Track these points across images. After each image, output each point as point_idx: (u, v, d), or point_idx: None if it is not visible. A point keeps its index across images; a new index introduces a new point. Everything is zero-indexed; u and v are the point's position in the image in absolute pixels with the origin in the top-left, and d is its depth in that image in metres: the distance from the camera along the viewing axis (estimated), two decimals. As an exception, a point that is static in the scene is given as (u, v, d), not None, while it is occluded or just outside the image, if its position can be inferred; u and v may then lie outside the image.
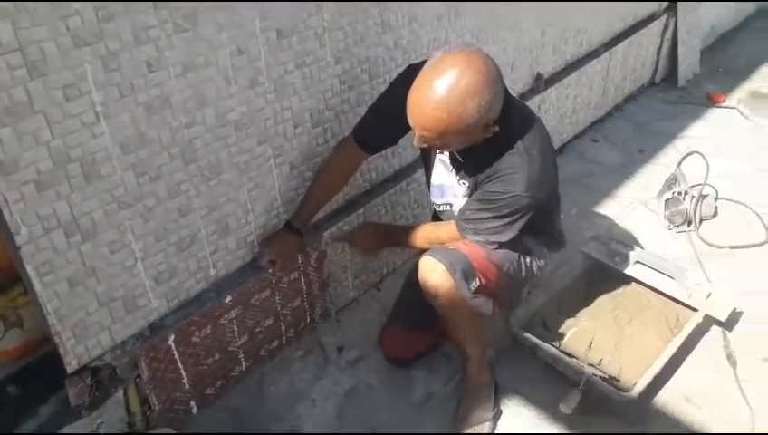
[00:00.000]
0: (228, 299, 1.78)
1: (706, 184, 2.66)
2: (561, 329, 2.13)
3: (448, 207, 1.80)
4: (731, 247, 2.53)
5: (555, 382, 1.94)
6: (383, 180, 2.20)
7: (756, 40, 4.50)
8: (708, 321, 2.12)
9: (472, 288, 1.67)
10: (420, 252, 1.77)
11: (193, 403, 1.84)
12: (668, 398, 1.94)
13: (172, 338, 1.68)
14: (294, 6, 1.62)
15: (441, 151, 1.73)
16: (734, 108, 3.59)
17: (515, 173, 1.55)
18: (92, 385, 1.58)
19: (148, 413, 1.72)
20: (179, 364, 1.74)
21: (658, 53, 3.72)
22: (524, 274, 1.80)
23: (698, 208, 2.63)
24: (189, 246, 1.65)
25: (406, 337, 2.02)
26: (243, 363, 1.94)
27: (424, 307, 1.77)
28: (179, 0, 1.37)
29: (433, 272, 1.66)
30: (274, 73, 1.65)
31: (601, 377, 1.90)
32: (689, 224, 2.63)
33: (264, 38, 1.58)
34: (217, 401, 1.91)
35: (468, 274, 1.66)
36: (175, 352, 1.71)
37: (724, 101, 3.64)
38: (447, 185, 1.77)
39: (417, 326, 1.99)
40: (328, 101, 1.85)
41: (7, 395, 1.64)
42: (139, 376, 1.66)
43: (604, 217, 2.72)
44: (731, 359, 2.05)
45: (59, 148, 1.30)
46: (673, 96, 3.76)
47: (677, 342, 1.99)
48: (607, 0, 3.02)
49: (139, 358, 1.63)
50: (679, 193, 2.67)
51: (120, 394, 1.65)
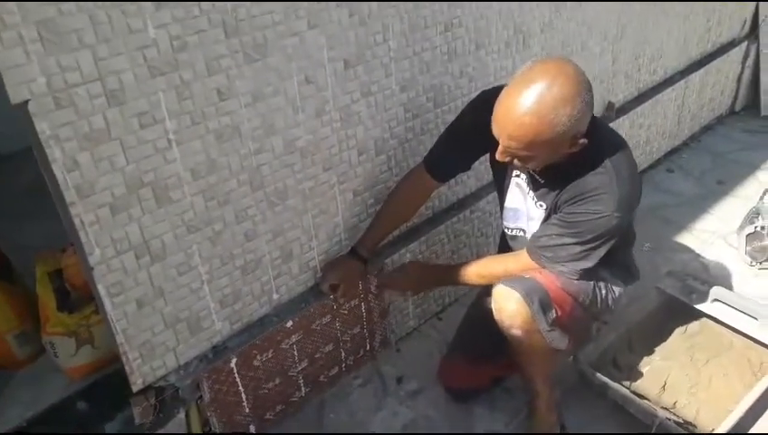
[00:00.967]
0: (290, 324, 1.80)
1: (792, 219, 2.51)
2: (632, 368, 2.03)
3: (521, 232, 1.73)
4: (820, 287, 2.37)
5: (625, 425, 1.85)
6: (446, 208, 2.18)
7: None
8: (796, 366, 1.98)
9: (549, 320, 1.59)
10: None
11: (252, 427, 1.85)
12: (750, 447, 1.81)
13: (234, 361, 1.70)
14: (361, 35, 1.64)
15: (519, 174, 1.66)
16: (822, 138, 3.40)
17: (604, 193, 1.47)
18: (156, 405, 1.61)
19: (208, 435, 1.75)
20: (240, 387, 1.76)
21: (739, 81, 3.57)
22: (599, 305, 1.71)
23: (783, 244, 2.48)
24: (254, 271, 1.68)
25: (465, 368, 1.96)
26: (302, 389, 1.95)
27: (487, 338, 1.71)
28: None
29: (509, 301, 1.59)
30: (341, 102, 1.67)
31: (675, 421, 1.79)
32: (773, 261, 2.48)
33: (332, 68, 1.61)
34: (276, 426, 1.91)
35: (545, 304, 1.58)
36: (236, 374, 1.73)
37: (810, 132, 3.45)
38: (522, 209, 1.71)
39: (478, 358, 1.92)
40: (392, 130, 1.85)
41: (76, 410, 1.70)
42: (201, 398, 1.69)
43: (680, 252, 2.60)
44: (820, 408, 1.90)
45: (133, 173, 1.35)
46: (754, 125, 3.58)
47: (762, 386, 1.86)
48: None
49: (202, 380, 1.66)
50: (762, 227, 2.52)
51: (182, 415, 1.68)
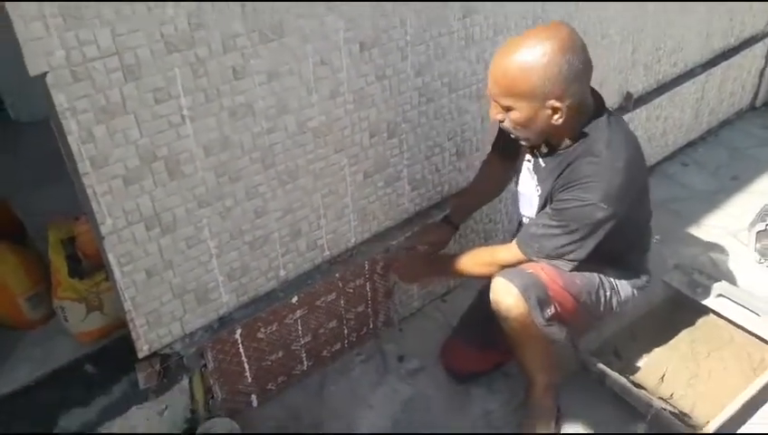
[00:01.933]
0: (295, 299, 1.83)
1: (804, 219, 2.50)
2: (632, 358, 2.06)
3: (527, 220, 1.76)
4: (827, 288, 2.36)
5: (622, 413, 1.87)
6: (456, 192, 2.19)
7: None
8: (796, 364, 1.99)
9: (546, 316, 1.62)
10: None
11: (254, 397, 1.91)
12: (743, 443, 1.83)
13: (239, 332, 1.75)
14: (379, 18, 1.64)
15: (529, 158, 1.69)
16: (842, 138, 3.35)
17: (593, 181, 1.49)
18: (161, 371, 1.66)
19: (210, 402, 1.80)
20: (244, 358, 1.80)
21: (761, 77, 3.51)
22: (602, 308, 1.73)
23: (793, 244, 2.47)
24: (262, 246, 1.71)
25: (467, 353, 1.99)
26: (305, 363, 1.99)
27: (491, 327, 1.74)
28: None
29: (506, 295, 1.62)
30: (355, 85, 1.68)
31: (671, 412, 1.82)
32: (782, 260, 2.48)
33: (348, 50, 1.61)
34: (278, 397, 1.96)
35: (543, 301, 1.61)
36: (240, 345, 1.77)
37: (830, 131, 3.40)
38: (528, 194, 1.73)
39: (480, 345, 1.96)
40: (406, 114, 1.86)
41: (84, 372, 1.75)
42: (205, 366, 1.74)
43: (689, 246, 2.60)
44: (817, 408, 1.92)
45: (146, 146, 1.37)
46: (774, 122, 3.55)
47: (760, 382, 1.88)
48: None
49: (206, 349, 1.71)
50: (773, 226, 2.52)
51: (186, 382, 1.73)
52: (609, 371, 1.92)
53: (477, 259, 1.78)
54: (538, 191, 1.67)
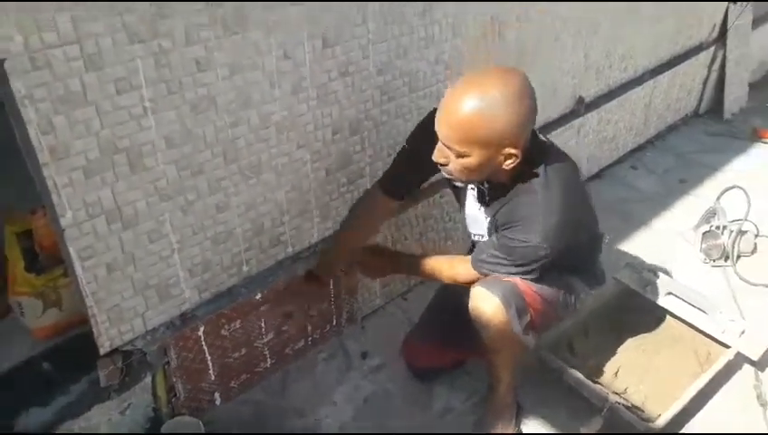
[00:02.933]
0: (258, 296, 1.83)
1: (747, 220, 2.61)
2: (586, 354, 2.12)
3: (482, 237, 1.76)
4: (768, 285, 2.48)
5: (578, 407, 1.92)
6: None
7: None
8: (740, 359, 2.07)
9: (523, 324, 1.64)
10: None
11: (217, 395, 1.89)
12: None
13: (202, 329, 1.73)
14: (341, 15, 1.67)
15: (473, 186, 1.68)
16: (781, 145, 3.52)
17: (533, 223, 1.51)
18: (123, 368, 1.64)
19: (173, 400, 1.78)
20: (207, 355, 1.79)
21: (705, 84, 3.68)
22: (567, 308, 1.78)
23: (737, 244, 2.58)
24: (225, 242, 1.70)
25: (430, 350, 2.02)
26: (268, 360, 1.99)
27: (453, 324, 1.76)
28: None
29: (487, 303, 1.61)
30: (318, 80, 1.70)
31: (625, 405, 1.88)
32: (726, 259, 2.58)
33: (311, 45, 1.63)
34: (241, 395, 1.95)
35: (521, 309, 1.62)
36: (203, 342, 1.76)
37: (770, 138, 3.58)
38: (474, 215, 1.75)
39: (443, 341, 1.98)
40: (368, 111, 1.89)
41: (41, 371, 1.72)
42: (168, 363, 1.72)
43: (639, 246, 2.69)
44: (761, 399, 2.00)
45: (108, 137, 1.36)
46: (717, 129, 3.70)
47: (706, 377, 1.96)
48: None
49: (169, 346, 1.69)
50: (717, 227, 2.62)
51: (149, 380, 1.71)
52: (565, 366, 1.97)
53: (439, 269, 1.79)
54: (484, 214, 1.69)
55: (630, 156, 3.38)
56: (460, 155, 1.46)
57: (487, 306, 1.61)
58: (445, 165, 1.51)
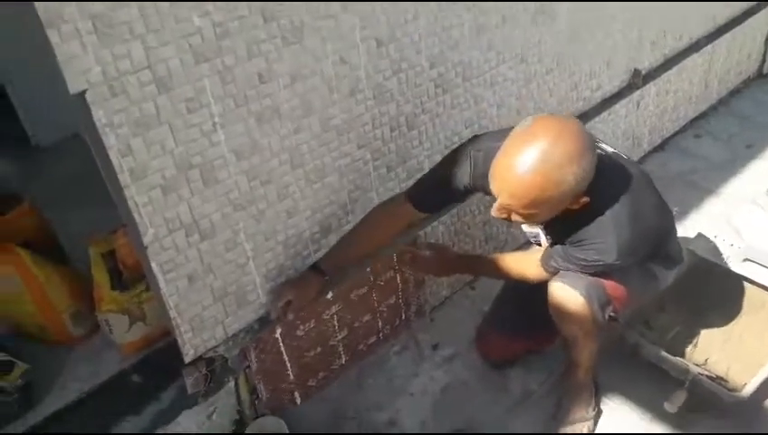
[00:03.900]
0: (330, 295, 1.87)
1: (822, 180, 2.51)
2: (664, 327, 2.08)
3: (534, 238, 1.75)
4: None
5: (659, 382, 1.89)
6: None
7: None
8: (827, 323, 2.01)
9: (606, 315, 1.63)
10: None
11: (297, 394, 1.95)
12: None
13: (279, 331, 1.79)
14: (393, 15, 1.68)
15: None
16: None
17: (603, 243, 1.47)
18: (207, 375, 1.70)
19: (256, 402, 1.84)
20: (285, 356, 1.85)
21: (767, 43, 3.52)
22: (649, 293, 1.78)
23: (812, 205, 2.49)
24: (295, 246, 1.75)
25: (504, 342, 2.02)
26: (342, 357, 2.03)
27: (523, 314, 1.76)
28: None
29: (569, 300, 1.59)
30: (373, 81, 1.72)
31: (708, 376, 1.84)
32: (802, 221, 2.49)
33: (365, 47, 1.65)
34: (319, 393, 2.00)
35: (603, 302, 1.60)
36: (281, 344, 1.81)
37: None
38: (534, 231, 1.71)
39: (513, 334, 1.98)
40: (424, 105, 1.90)
41: (131, 383, 1.80)
42: (249, 367, 1.78)
43: (709, 215, 2.62)
44: None
45: (182, 155, 1.42)
46: (783, 87, 3.56)
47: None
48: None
49: (249, 349, 1.75)
50: (791, 190, 2.53)
51: (232, 384, 1.77)
52: (643, 341, 1.94)
53: (506, 268, 1.76)
54: (548, 238, 1.66)
55: (693, 124, 3.28)
56: (526, 215, 1.41)
57: (570, 303, 1.59)
58: (506, 219, 1.46)
